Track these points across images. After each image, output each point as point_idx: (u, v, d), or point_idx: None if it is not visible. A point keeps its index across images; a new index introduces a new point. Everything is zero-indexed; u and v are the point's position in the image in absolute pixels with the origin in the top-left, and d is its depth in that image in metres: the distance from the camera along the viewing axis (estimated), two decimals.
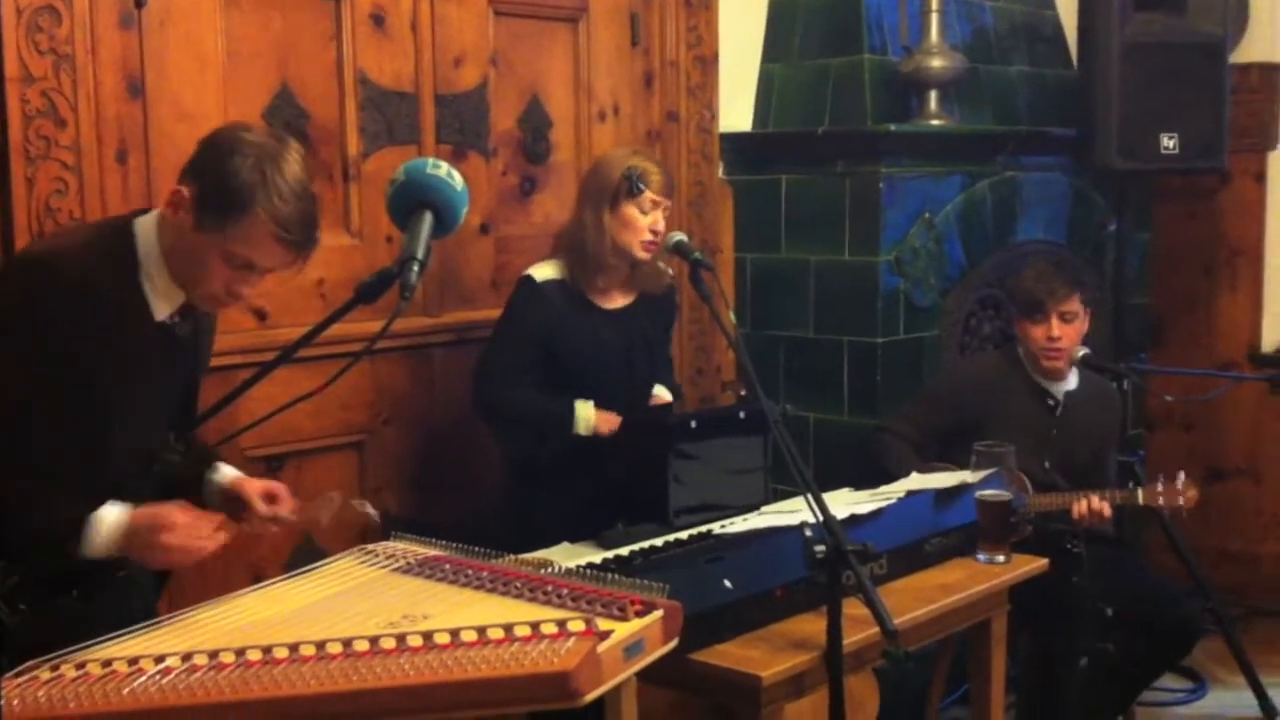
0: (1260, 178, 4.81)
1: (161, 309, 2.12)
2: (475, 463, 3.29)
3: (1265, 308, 4.85)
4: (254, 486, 2.31)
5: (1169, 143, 4.02)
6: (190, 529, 2.03)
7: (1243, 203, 4.85)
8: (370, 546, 2.31)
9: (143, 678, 1.74)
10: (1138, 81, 3.98)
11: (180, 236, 2.07)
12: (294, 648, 1.80)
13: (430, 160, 1.95)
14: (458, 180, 1.92)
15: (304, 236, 2.05)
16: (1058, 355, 3.48)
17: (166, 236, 2.09)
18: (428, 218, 1.88)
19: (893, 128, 3.80)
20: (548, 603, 1.97)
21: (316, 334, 1.91)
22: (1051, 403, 3.53)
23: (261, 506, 2.28)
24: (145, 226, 2.12)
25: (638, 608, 1.91)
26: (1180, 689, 4.14)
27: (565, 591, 1.99)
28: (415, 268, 1.83)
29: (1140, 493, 3.38)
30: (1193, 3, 4.14)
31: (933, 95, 3.90)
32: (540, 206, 3.54)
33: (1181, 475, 3.40)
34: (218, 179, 2.02)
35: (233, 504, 2.31)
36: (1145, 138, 4.00)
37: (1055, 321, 3.45)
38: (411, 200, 1.90)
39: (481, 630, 1.82)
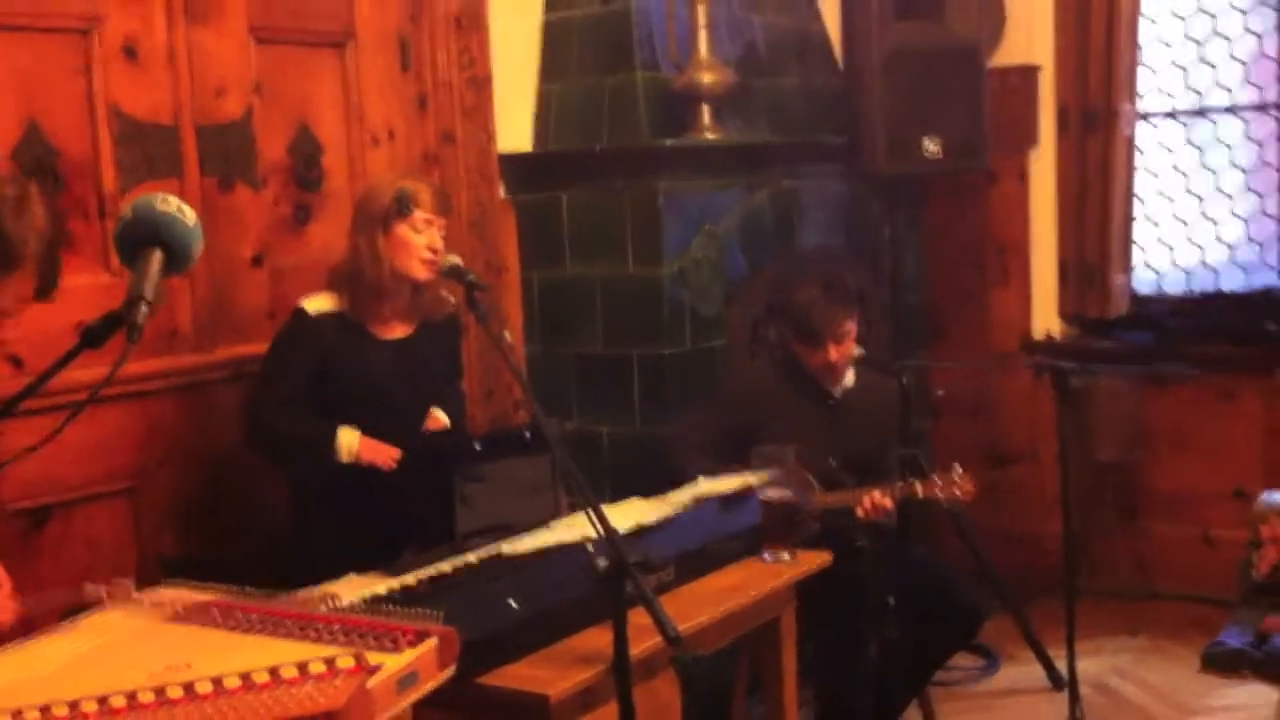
0: (1023, 176, 5.03)
1: None
2: (258, 497, 3.21)
3: (1033, 299, 5.08)
4: None
5: (932, 146, 4.19)
6: None
7: (1009, 201, 5.06)
8: (137, 596, 2.22)
9: None
10: (900, 88, 4.13)
11: None
12: (45, 710, 1.72)
13: (159, 195, 1.90)
14: (189, 215, 1.88)
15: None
16: (837, 375, 3.58)
17: None
18: (157, 256, 1.83)
19: (668, 143, 3.87)
20: (318, 640, 1.92)
21: (42, 384, 1.83)
22: (831, 402, 3.62)
23: None
24: None
25: (410, 638, 1.89)
26: (973, 666, 4.31)
27: (337, 627, 1.95)
28: (143, 309, 1.78)
29: (919, 486, 3.48)
30: (950, 9, 4.31)
31: (706, 109, 3.97)
32: (316, 235, 3.48)
33: (957, 467, 3.49)
34: None
35: None
36: (909, 142, 4.15)
37: (831, 346, 3.50)
38: (140, 238, 1.85)
39: (246, 675, 1.76)
